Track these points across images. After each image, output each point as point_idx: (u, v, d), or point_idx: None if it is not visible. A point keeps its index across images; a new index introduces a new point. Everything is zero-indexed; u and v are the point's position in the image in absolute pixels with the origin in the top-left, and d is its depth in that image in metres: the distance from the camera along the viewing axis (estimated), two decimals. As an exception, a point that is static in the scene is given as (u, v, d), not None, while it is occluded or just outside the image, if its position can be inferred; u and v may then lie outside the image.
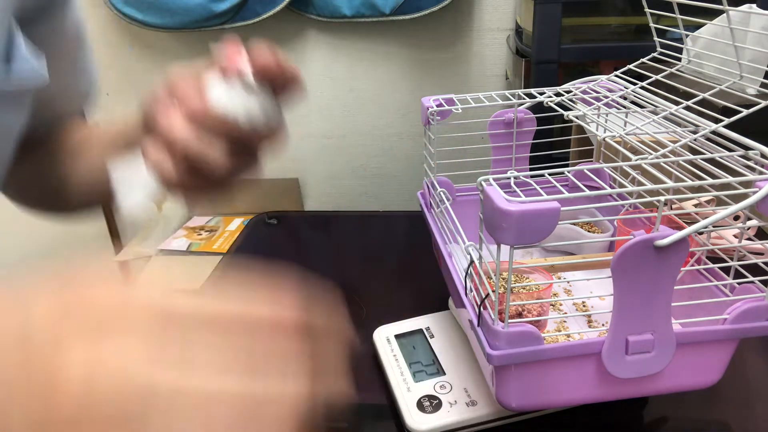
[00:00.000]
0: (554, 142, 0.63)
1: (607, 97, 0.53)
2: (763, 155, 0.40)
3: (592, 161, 0.63)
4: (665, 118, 0.48)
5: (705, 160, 0.42)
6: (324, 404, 0.25)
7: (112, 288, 0.22)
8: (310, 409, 0.23)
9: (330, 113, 1.89)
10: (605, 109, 0.52)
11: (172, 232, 1.56)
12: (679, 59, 0.53)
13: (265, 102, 0.37)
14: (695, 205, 0.61)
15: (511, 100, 0.56)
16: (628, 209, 0.56)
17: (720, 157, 0.42)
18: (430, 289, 0.64)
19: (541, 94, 0.55)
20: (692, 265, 0.46)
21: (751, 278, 0.42)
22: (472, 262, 0.42)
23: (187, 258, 1.46)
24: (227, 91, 0.36)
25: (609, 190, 0.37)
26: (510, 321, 0.37)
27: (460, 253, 0.46)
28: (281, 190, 1.99)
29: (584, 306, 0.52)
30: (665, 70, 0.52)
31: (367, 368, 0.54)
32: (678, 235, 0.34)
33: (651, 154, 0.43)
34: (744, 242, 0.43)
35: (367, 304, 0.65)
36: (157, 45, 1.57)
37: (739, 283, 0.42)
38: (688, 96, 0.47)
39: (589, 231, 0.61)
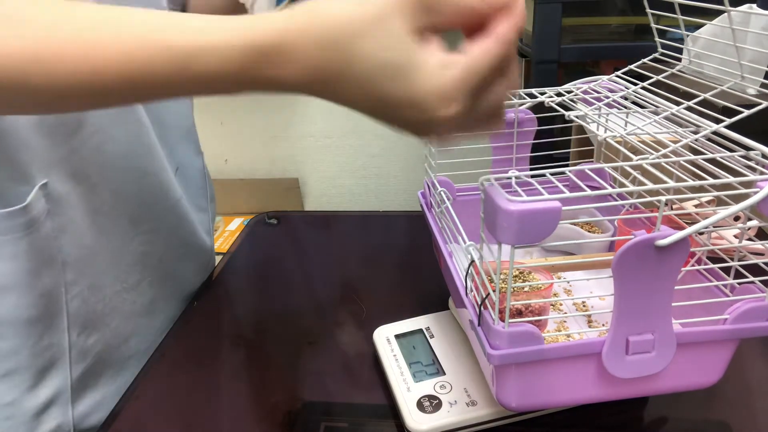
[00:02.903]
0: (555, 142, 0.64)
1: (608, 97, 0.53)
2: (764, 155, 0.40)
3: (592, 161, 0.63)
4: (666, 118, 0.48)
5: (706, 160, 0.42)
6: None
7: None
8: None
9: (330, 113, 1.89)
10: (606, 110, 0.52)
11: None
12: (680, 59, 0.53)
13: None
14: (696, 206, 0.61)
15: (511, 99, 0.56)
16: (629, 209, 0.56)
17: (721, 158, 0.42)
18: (430, 289, 0.64)
19: (542, 94, 0.55)
20: (693, 265, 0.46)
21: (751, 278, 0.42)
22: (472, 261, 0.42)
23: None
24: None
25: (610, 190, 0.38)
26: (510, 321, 0.37)
27: (460, 252, 0.46)
28: (281, 190, 1.99)
29: (584, 306, 0.52)
30: (666, 71, 0.52)
31: (367, 368, 0.54)
32: (679, 235, 0.34)
33: (652, 154, 0.43)
34: (744, 242, 0.43)
35: (367, 304, 0.65)
36: None
37: (739, 284, 0.42)
38: (688, 96, 0.47)
39: (589, 231, 0.61)
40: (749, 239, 0.46)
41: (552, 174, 0.39)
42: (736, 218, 0.66)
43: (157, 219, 0.61)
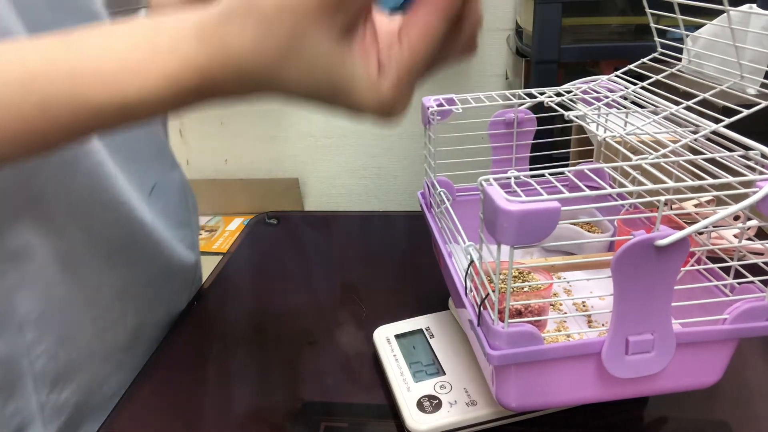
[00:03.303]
0: (554, 142, 0.64)
1: (607, 97, 0.53)
2: (763, 155, 0.40)
3: (592, 161, 0.63)
4: (666, 118, 0.48)
5: (705, 160, 0.42)
6: None
7: None
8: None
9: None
10: (606, 109, 0.52)
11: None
12: (680, 59, 0.53)
13: None
14: (695, 205, 0.61)
15: (511, 100, 0.56)
16: (628, 209, 0.56)
17: (720, 157, 0.42)
18: (430, 289, 0.64)
19: (542, 94, 0.55)
20: (692, 265, 0.46)
21: (751, 278, 0.42)
22: (472, 262, 0.42)
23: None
24: None
25: (609, 190, 0.37)
26: (510, 321, 0.37)
27: (460, 252, 0.46)
28: (281, 190, 1.99)
29: (584, 306, 0.52)
30: (666, 71, 0.52)
31: (367, 368, 0.54)
32: (678, 234, 0.34)
33: (651, 154, 0.43)
34: (744, 242, 0.43)
35: (367, 304, 0.65)
36: None
37: (739, 283, 0.42)
38: (688, 96, 0.47)
39: (589, 231, 0.61)
40: (749, 239, 0.46)
41: (551, 174, 0.39)
42: (736, 218, 0.66)
43: (134, 248, 0.56)
